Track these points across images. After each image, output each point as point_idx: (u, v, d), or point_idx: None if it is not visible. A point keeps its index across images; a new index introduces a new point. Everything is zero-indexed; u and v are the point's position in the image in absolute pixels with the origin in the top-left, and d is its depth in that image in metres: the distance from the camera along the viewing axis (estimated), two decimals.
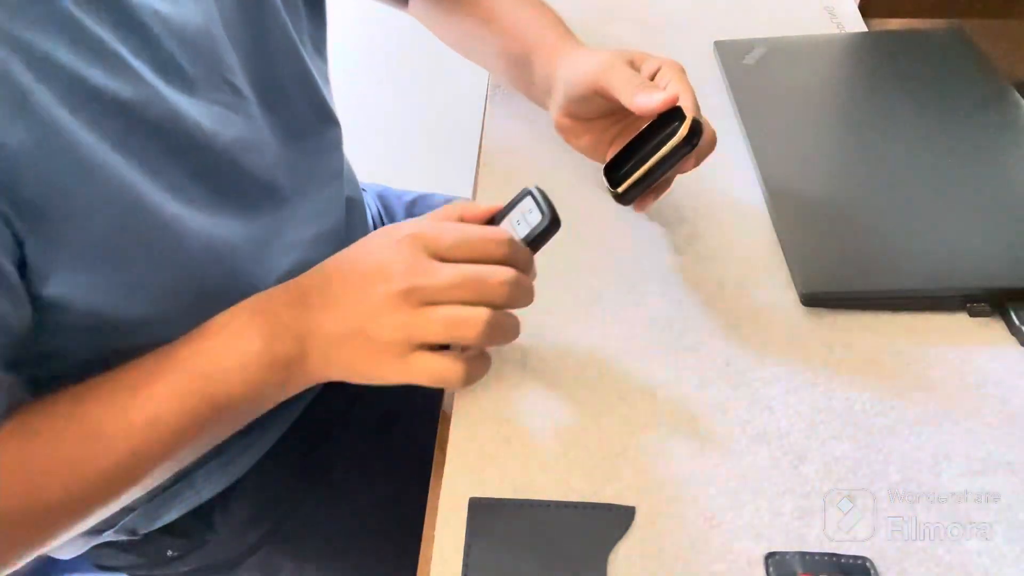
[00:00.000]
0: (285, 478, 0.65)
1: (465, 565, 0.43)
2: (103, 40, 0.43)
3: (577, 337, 0.55)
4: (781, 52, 0.76)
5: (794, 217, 0.61)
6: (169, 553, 0.64)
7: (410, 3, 0.77)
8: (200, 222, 0.48)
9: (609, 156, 0.59)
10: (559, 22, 0.68)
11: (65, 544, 0.62)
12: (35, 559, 0.62)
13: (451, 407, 0.52)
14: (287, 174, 0.57)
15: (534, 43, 0.65)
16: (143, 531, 0.62)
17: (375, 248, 0.48)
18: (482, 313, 0.45)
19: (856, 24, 0.81)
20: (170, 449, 0.46)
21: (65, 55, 0.41)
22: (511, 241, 0.47)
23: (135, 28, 0.45)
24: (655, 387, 0.52)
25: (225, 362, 0.46)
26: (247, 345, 0.47)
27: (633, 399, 0.51)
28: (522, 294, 0.47)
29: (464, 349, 0.48)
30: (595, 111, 0.61)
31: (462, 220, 0.50)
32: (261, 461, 0.64)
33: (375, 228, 0.76)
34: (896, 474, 0.46)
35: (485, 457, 0.48)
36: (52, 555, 0.63)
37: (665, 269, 0.59)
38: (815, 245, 0.58)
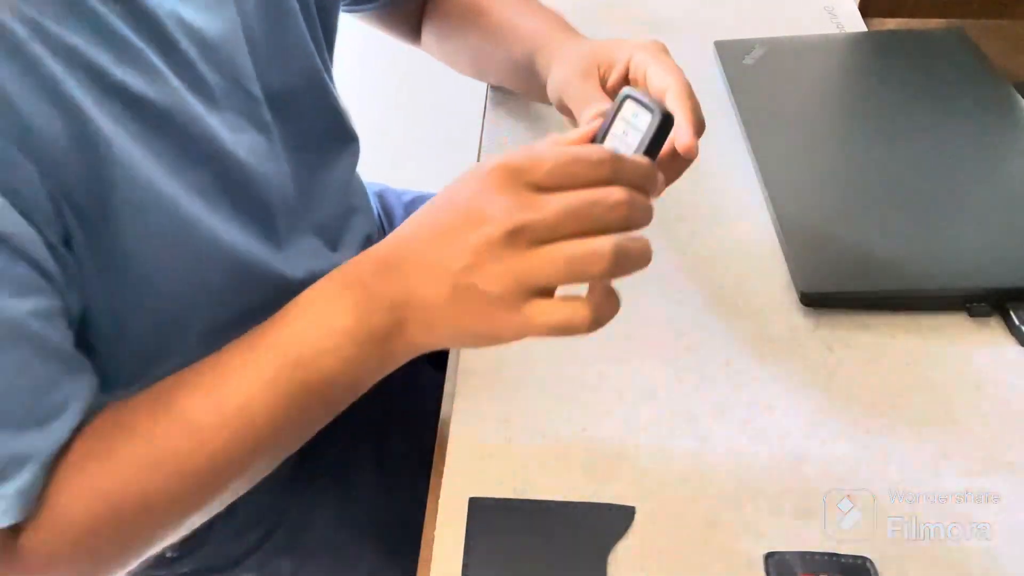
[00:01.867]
0: (285, 478, 0.65)
1: (465, 565, 0.43)
2: (128, 39, 0.43)
3: (577, 337, 0.55)
4: (781, 52, 0.76)
5: (794, 217, 0.60)
6: (168, 554, 0.64)
7: (422, 40, 0.78)
8: (216, 225, 0.48)
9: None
10: (562, 23, 0.68)
11: None
12: None
13: (451, 407, 0.52)
14: (300, 183, 0.57)
15: (541, 45, 0.65)
16: None
17: (463, 190, 0.41)
18: (605, 242, 0.39)
19: (856, 24, 0.81)
20: (268, 439, 0.44)
21: (91, 49, 0.41)
22: (614, 157, 0.40)
23: (157, 31, 0.45)
24: (655, 387, 0.51)
25: (317, 343, 0.43)
26: (338, 322, 0.42)
27: (633, 399, 0.51)
28: (642, 213, 0.41)
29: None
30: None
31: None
32: None
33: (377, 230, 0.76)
34: (896, 474, 0.46)
35: (485, 457, 0.48)
36: None
37: (665, 269, 0.59)
38: (815, 245, 0.58)
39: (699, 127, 0.51)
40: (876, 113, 0.69)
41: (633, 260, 0.41)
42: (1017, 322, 0.52)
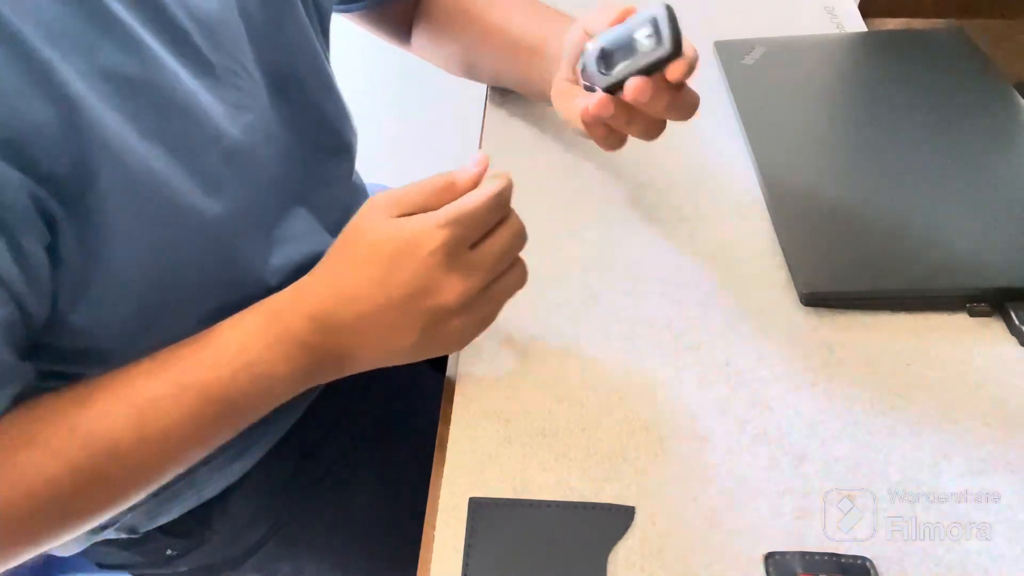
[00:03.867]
0: (285, 478, 0.65)
1: (465, 565, 0.43)
2: (119, 17, 0.43)
3: (577, 337, 0.55)
4: (781, 52, 0.76)
5: (794, 217, 0.60)
6: (169, 552, 0.64)
7: (412, 42, 0.78)
8: (207, 205, 0.48)
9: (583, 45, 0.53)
10: (551, 15, 0.68)
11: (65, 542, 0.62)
12: (36, 557, 0.62)
13: (451, 407, 0.52)
14: (296, 167, 0.57)
15: (547, 33, 0.65)
16: (143, 529, 0.62)
17: (406, 265, 0.45)
18: (523, 269, 0.49)
19: (856, 24, 0.81)
20: (184, 459, 0.48)
21: (84, 31, 0.41)
22: (504, 192, 0.47)
23: (154, 8, 0.45)
24: (655, 387, 0.52)
25: (249, 388, 0.47)
26: (274, 371, 0.47)
27: (633, 399, 0.51)
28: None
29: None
30: None
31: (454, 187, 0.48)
32: (261, 461, 0.63)
33: None
34: (896, 474, 0.46)
35: (485, 457, 0.48)
36: (52, 553, 0.63)
37: (665, 269, 0.59)
38: (815, 245, 0.58)
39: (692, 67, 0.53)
40: (876, 113, 0.69)
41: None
42: (1017, 322, 0.52)
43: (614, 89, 0.49)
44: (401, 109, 1.80)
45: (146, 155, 0.44)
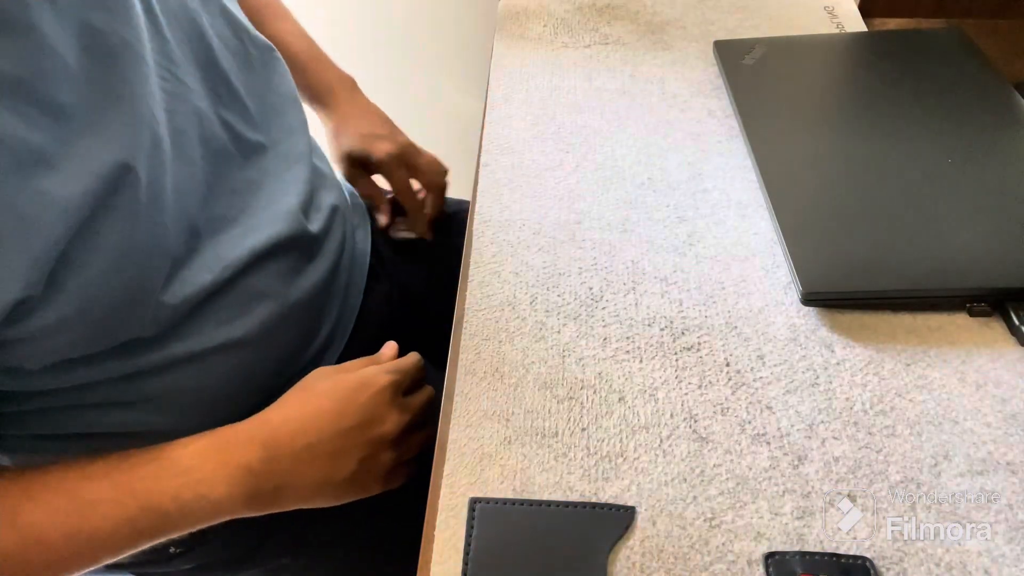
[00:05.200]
0: None
1: (465, 565, 0.43)
2: None
3: (577, 337, 0.55)
4: (781, 52, 0.76)
5: (794, 217, 0.60)
6: (171, 550, 0.64)
7: None
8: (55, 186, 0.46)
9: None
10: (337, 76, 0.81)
11: None
12: None
13: (451, 407, 0.52)
14: (245, 157, 0.59)
15: (328, 105, 0.78)
16: None
17: (355, 398, 0.56)
18: (431, 431, 0.58)
19: (856, 24, 0.81)
20: (106, 560, 0.50)
21: None
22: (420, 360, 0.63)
23: None
24: (655, 387, 0.52)
25: (187, 506, 0.50)
26: (214, 493, 0.50)
27: (633, 399, 0.51)
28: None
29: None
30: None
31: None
32: None
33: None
34: (896, 474, 0.46)
35: (485, 457, 0.48)
36: None
37: (665, 269, 0.59)
38: (815, 245, 0.58)
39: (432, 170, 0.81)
40: (876, 113, 0.69)
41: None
42: (1017, 322, 0.52)
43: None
44: (401, 109, 1.80)
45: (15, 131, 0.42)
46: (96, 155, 0.43)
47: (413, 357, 0.62)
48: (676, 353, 0.53)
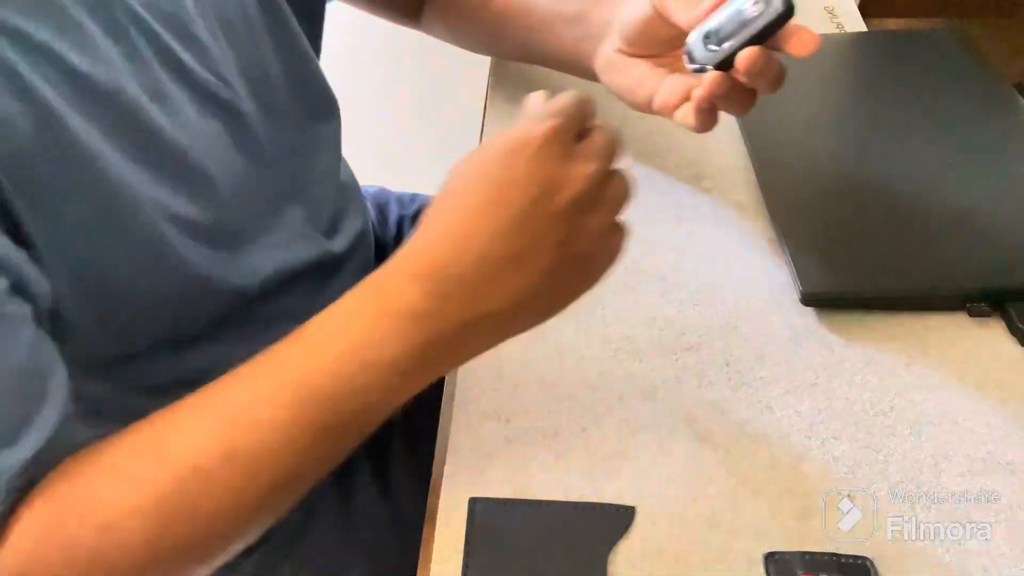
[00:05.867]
0: None
1: (465, 565, 0.43)
2: (81, 23, 0.43)
3: (577, 337, 0.55)
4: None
5: (794, 217, 0.60)
6: None
7: (423, 20, 0.77)
8: (177, 209, 0.47)
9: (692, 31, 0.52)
10: None
11: None
12: None
13: (451, 407, 0.52)
14: (281, 164, 0.57)
15: (585, 5, 0.63)
16: None
17: (510, 174, 0.40)
18: (623, 176, 0.42)
19: (856, 24, 0.81)
20: (282, 484, 0.41)
21: (55, 42, 0.41)
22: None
23: (112, 8, 0.45)
24: (655, 387, 0.51)
25: (354, 380, 0.39)
26: (383, 355, 0.39)
27: (633, 399, 0.51)
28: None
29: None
30: (648, 44, 0.56)
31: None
32: None
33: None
34: (896, 474, 0.46)
35: (485, 457, 0.48)
36: None
37: (665, 269, 0.59)
38: (815, 245, 0.58)
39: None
40: (876, 113, 0.69)
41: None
42: (1017, 322, 0.52)
43: (724, 66, 0.49)
44: (400, 109, 1.80)
45: (117, 165, 0.44)
46: None
47: (569, 94, 0.42)
48: (676, 353, 0.53)
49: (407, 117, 1.79)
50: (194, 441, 0.39)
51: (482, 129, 0.74)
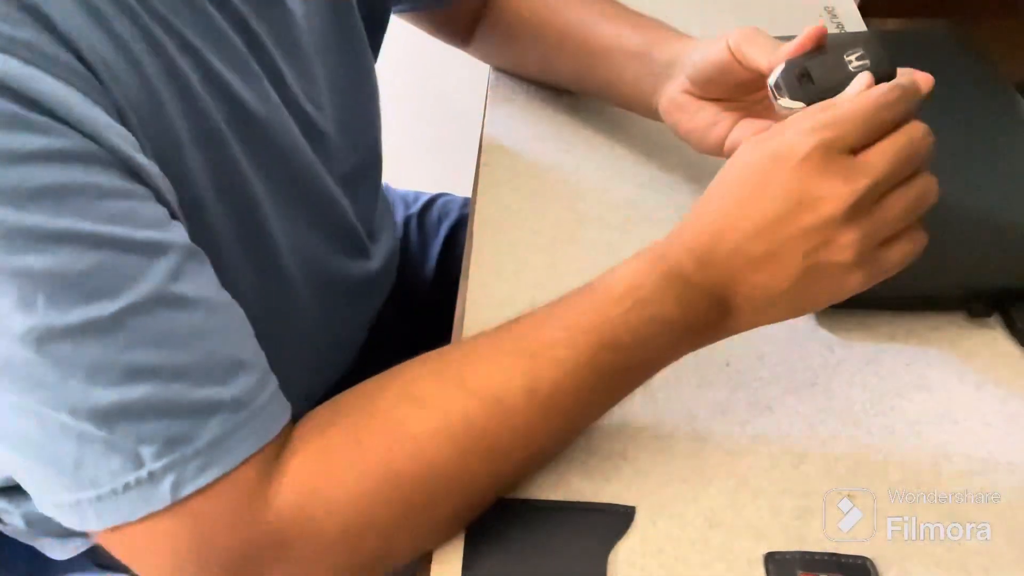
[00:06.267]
0: None
1: (465, 565, 0.43)
2: (239, 48, 0.45)
3: None
4: None
5: None
6: None
7: (473, 43, 0.76)
8: (287, 231, 0.51)
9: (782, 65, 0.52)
10: (644, 16, 0.66)
11: (55, 545, 0.62)
12: (29, 558, 0.62)
13: None
14: (346, 195, 0.59)
15: (650, 40, 0.62)
16: None
17: (776, 178, 0.41)
18: (929, 179, 0.43)
19: (856, 24, 0.81)
20: (573, 418, 0.45)
21: (216, 62, 0.43)
22: (904, 91, 0.43)
23: (257, 42, 0.47)
24: (655, 387, 0.51)
25: (638, 331, 0.42)
26: (662, 313, 0.43)
27: (633, 399, 0.51)
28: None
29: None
30: (719, 88, 0.57)
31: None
32: None
33: None
34: (896, 474, 0.46)
35: None
36: (47, 554, 0.63)
37: None
38: None
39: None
40: None
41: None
42: (1017, 322, 0.52)
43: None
44: (401, 109, 1.80)
45: (258, 191, 0.47)
46: None
47: (869, 95, 0.42)
48: None
49: (407, 117, 1.79)
50: (496, 373, 0.42)
51: (482, 129, 0.74)
